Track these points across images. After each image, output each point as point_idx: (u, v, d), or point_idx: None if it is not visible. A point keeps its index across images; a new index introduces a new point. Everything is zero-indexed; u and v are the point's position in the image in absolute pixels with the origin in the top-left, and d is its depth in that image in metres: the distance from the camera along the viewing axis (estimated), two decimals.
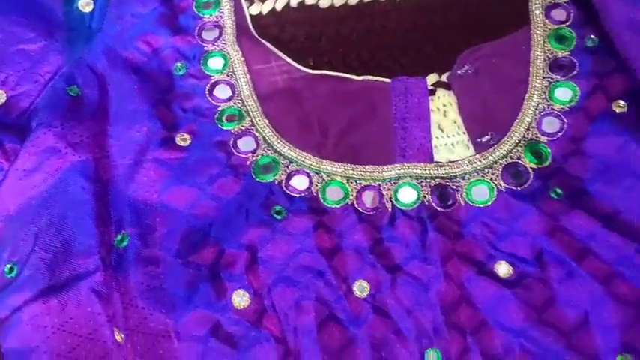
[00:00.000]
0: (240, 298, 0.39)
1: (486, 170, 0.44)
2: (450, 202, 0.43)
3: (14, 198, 0.42)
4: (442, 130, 0.47)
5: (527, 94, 0.46)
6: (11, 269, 0.41)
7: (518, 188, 0.43)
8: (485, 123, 0.46)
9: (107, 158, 0.43)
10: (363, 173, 0.44)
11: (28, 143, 0.43)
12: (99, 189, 0.42)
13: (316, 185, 0.44)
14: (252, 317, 0.39)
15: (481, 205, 0.43)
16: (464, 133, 0.47)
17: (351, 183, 0.44)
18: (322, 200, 0.43)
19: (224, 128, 0.46)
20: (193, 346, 0.38)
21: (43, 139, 0.43)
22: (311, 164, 0.44)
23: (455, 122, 0.47)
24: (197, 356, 0.38)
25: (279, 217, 0.42)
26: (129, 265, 0.40)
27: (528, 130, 0.45)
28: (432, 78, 0.49)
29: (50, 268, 0.40)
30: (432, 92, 0.48)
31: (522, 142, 0.45)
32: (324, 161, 0.45)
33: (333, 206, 0.43)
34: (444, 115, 0.48)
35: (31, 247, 0.41)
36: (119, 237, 0.41)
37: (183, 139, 0.45)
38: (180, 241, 0.41)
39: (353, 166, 0.44)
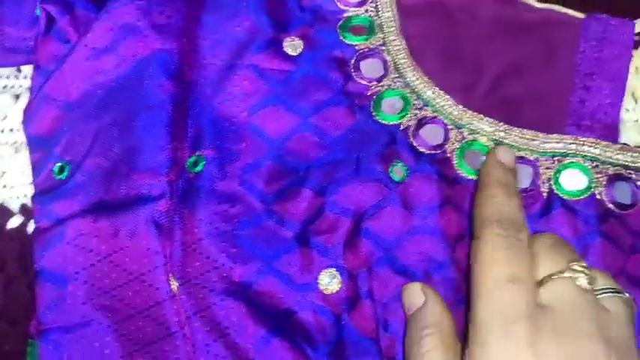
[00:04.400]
0: (330, 280, 0.31)
1: None
2: (630, 203, 0.31)
3: (78, 81, 0.33)
4: (636, 101, 0.35)
5: None
6: (61, 169, 0.33)
7: None
8: None
9: (195, 53, 0.34)
10: (518, 139, 0.33)
11: (103, 14, 0.33)
12: (180, 91, 0.33)
13: (453, 143, 0.33)
14: (341, 306, 0.30)
15: None
16: None
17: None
18: (456, 166, 0.33)
19: (347, 41, 0.35)
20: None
21: (123, 12, 0.33)
22: (451, 112, 0.33)
23: None
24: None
25: (397, 178, 0.32)
26: (199, 197, 0.31)
27: None
28: None
29: (107, 178, 0.32)
30: (636, 45, 0.35)
31: None
32: (470, 112, 0.33)
33: (470, 176, 0.32)
34: None
35: (88, 148, 0.32)
36: (193, 158, 0.32)
37: (292, 46, 0.34)
38: (266, 178, 0.32)
39: (506, 126, 0.33)
